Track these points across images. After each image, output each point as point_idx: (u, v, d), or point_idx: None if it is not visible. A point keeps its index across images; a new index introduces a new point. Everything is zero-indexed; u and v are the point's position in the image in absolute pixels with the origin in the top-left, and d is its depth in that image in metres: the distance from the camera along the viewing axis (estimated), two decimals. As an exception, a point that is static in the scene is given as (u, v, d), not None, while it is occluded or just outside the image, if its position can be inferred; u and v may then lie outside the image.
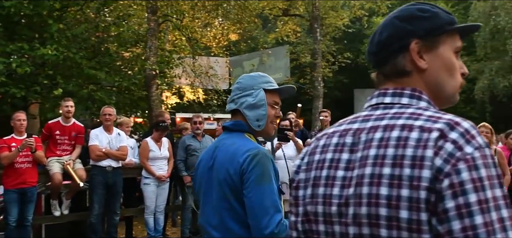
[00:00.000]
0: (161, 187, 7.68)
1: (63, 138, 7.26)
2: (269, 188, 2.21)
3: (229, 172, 2.26)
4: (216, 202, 2.33)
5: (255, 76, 2.49)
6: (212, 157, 2.41)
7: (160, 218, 7.75)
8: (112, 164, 7.26)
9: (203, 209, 2.45)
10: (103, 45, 11.26)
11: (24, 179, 6.65)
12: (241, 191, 2.23)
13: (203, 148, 7.87)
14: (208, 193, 2.40)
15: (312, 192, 1.31)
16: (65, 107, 7.28)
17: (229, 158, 2.30)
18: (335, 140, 1.32)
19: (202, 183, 2.46)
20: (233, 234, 2.26)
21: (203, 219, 2.44)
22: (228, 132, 2.47)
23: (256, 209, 2.18)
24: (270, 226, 2.16)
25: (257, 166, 2.21)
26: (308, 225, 1.33)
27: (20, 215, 6.64)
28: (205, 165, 2.46)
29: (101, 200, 7.23)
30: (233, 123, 2.46)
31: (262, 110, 2.39)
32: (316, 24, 14.78)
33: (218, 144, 2.44)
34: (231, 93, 2.50)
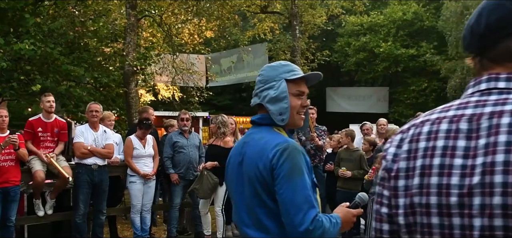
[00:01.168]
0: (147, 185, 7.49)
1: (45, 134, 7.01)
2: (301, 182, 2.11)
3: (259, 167, 2.16)
4: (249, 199, 2.23)
5: (277, 66, 2.37)
6: (241, 153, 2.31)
7: (146, 217, 7.56)
8: (98, 161, 7.04)
9: (236, 207, 2.35)
10: (82, 40, 10.96)
11: (7, 178, 6.40)
12: (272, 187, 2.13)
13: (190, 145, 7.73)
14: (239, 190, 2.30)
15: (420, 181, 1.22)
16: (47, 102, 7.02)
17: (258, 153, 2.20)
18: (444, 126, 1.23)
19: (233, 180, 2.35)
20: (268, 232, 2.17)
21: (237, 217, 2.34)
22: (256, 126, 2.36)
23: (288, 206, 2.08)
24: (304, 223, 2.07)
25: (287, 160, 2.11)
26: (413, 218, 1.23)
27: (2, 215, 6.38)
28: (234, 161, 2.35)
29: (87, 199, 7.02)
30: (260, 116, 2.35)
31: (284, 103, 2.27)
32: (295, 21, 14.73)
33: (247, 139, 2.34)
34: (255, 87, 2.39)
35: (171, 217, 7.79)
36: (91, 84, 11.64)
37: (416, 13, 25.84)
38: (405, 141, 1.31)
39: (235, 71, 19.76)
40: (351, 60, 25.93)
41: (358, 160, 7.74)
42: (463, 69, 20.98)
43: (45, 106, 6.98)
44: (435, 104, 24.27)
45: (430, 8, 26.35)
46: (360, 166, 7.70)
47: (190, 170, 7.67)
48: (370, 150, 8.11)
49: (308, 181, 2.15)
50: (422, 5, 26.57)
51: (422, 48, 24.69)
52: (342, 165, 7.76)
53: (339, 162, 7.90)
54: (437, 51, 24.19)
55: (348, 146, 7.96)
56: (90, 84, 11.67)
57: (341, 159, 7.86)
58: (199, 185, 7.24)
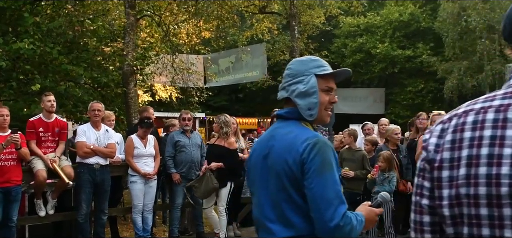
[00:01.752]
0: (148, 185, 7.43)
1: (46, 134, 6.94)
2: (331, 178, 2.09)
3: (288, 162, 2.13)
4: (274, 194, 2.19)
5: (306, 61, 2.34)
6: (267, 146, 2.28)
7: (148, 217, 7.51)
8: (100, 161, 6.98)
9: (258, 201, 2.31)
10: (82, 40, 10.90)
11: (9, 178, 6.33)
12: (301, 182, 2.10)
13: (192, 144, 7.68)
14: (263, 184, 2.26)
15: (467, 172, 1.19)
16: (47, 102, 6.95)
17: (286, 147, 2.17)
18: (491, 116, 1.21)
19: (256, 173, 2.32)
20: (294, 227, 2.13)
21: (258, 211, 2.30)
22: (282, 120, 2.33)
23: (318, 201, 2.05)
24: (334, 219, 2.04)
25: (318, 155, 2.08)
26: (459, 209, 1.21)
27: (4, 215, 6.31)
28: (259, 154, 2.32)
29: (89, 199, 6.96)
30: (287, 110, 2.32)
31: (314, 98, 2.24)
32: (293, 21, 14.72)
33: (273, 133, 2.31)
34: (282, 80, 2.36)
35: (173, 217, 7.74)
36: (88, 84, 11.58)
37: (413, 14, 25.90)
38: (448, 131, 1.29)
39: (233, 72, 19.73)
40: (347, 61, 25.92)
41: (361, 160, 7.72)
42: (460, 70, 21.04)
43: (46, 106, 6.91)
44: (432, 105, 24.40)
45: (427, 9, 26.41)
46: (363, 165, 7.68)
47: (192, 169, 7.62)
48: (372, 150, 8.10)
49: (337, 176, 2.12)
50: (419, 6, 26.63)
51: (418, 49, 24.74)
52: (345, 165, 7.74)
53: (341, 162, 7.87)
54: (433, 52, 24.24)
55: (350, 146, 7.94)
56: (87, 84, 11.61)
57: (344, 159, 7.84)
58: (198, 183, 7.20)
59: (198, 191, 7.22)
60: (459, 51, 21.31)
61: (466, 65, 21.03)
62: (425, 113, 8.06)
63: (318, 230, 2.07)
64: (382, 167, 7.14)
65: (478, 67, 20.85)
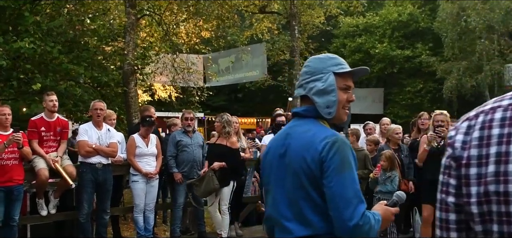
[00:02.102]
0: (150, 185, 7.41)
1: (48, 134, 6.90)
2: (351, 176, 2.08)
3: (306, 160, 2.11)
4: (291, 192, 2.17)
5: (324, 59, 2.33)
6: (283, 144, 2.26)
7: (150, 217, 7.48)
8: (102, 160, 6.94)
9: (273, 199, 2.29)
10: (82, 39, 10.87)
11: (11, 177, 6.30)
12: (320, 180, 2.09)
13: (194, 144, 7.67)
14: (279, 183, 2.25)
15: (496, 169, 1.18)
16: (49, 101, 6.92)
17: (305, 145, 2.15)
18: None
19: (272, 171, 2.30)
20: (311, 226, 2.12)
21: (274, 210, 2.28)
22: (299, 118, 2.32)
23: (338, 200, 2.04)
24: (354, 218, 2.02)
25: (337, 153, 2.07)
26: (488, 206, 1.20)
27: (5, 215, 6.29)
28: (275, 153, 2.30)
29: (91, 198, 6.94)
30: (305, 108, 2.30)
31: (332, 96, 2.23)
32: (294, 21, 14.71)
33: (290, 131, 2.29)
34: (300, 78, 2.35)
35: (174, 216, 7.72)
36: (88, 83, 11.55)
37: (412, 14, 25.93)
38: (475, 128, 1.27)
39: (233, 72, 19.69)
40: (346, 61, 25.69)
41: (363, 159, 7.71)
42: (459, 70, 21.06)
43: (48, 106, 6.88)
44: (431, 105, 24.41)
45: (426, 9, 26.44)
46: (365, 165, 7.67)
47: (194, 169, 7.60)
48: (374, 150, 8.09)
49: (356, 175, 2.12)
50: (418, 6, 26.66)
51: (417, 49, 24.78)
52: (347, 164, 7.72)
53: (343, 161, 7.86)
54: (432, 53, 24.26)
55: (352, 146, 7.92)
56: (87, 83, 11.58)
57: (346, 158, 7.81)
58: (199, 182, 7.19)
59: (199, 190, 7.20)
60: (458, 51, 21.33)
61: (465, 65, 21.05)
62: (427, 113, 8.06)
63: (337, 229, 2.05)
64: (384, 166, 7.13)
65: (477, 67, 20.88)
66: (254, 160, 8.64)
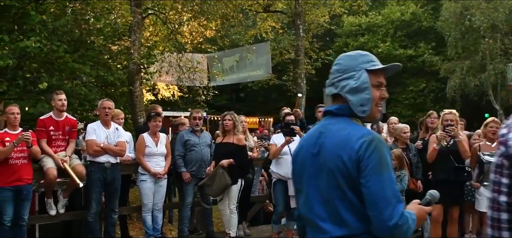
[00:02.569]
0: (158, 184, 7.37)
1: (57, 133, 6.86)
2: (389, 175, 2.05)
3: (342, 159, 2.08)
4: (326, 192, 2.14)
5: (355, 56, 2.30)
6: (316, 143, 2.23)
7: (158, 216, 7.45)
8: (111, 159, 6.91)
9: (306, 199, 2.26)
10: (88, 38, 10.83)
11: (20, 176, 6.26)
12: (356, 179, 2.06)
13: (202, 143, 7.64)
14: (313, 182, 2.21)
15: None
16: (58, 100, 6.88)
17: (340, 144, 2.12)
18: None
19: (305, 171, 2.27)
20: (348, 226, 2.09)
21: (307, 209, 2.25)
22: (332, 117, 2.29)
23: (376, 199, 2.01)
24: (393, 218, 2.00)
25: (375, 152, 2.04)
26: None
27: (15, 214, 6.26)
28: (307, 152, 2.27)
29: (99, 198, 6.92)
30: (338, 107, 2.26)
31: (366, 94, 2.20)
32: (298, 20, 14.68)
33: (323, 130, 2.26)
34: (330, 76, 2.32)
35: (183, 216, 7.69)
36: (92, 82, 11.52)
37: (414, 13, 25.95)
38: None
39: (238, 71, 19.64)
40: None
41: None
42: (462, 69, 21.09)
43: (57, 105, 6.84)
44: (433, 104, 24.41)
45: (428, 8, 26.46)
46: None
47: (202, 168, 7.57)
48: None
49: (394, 174, 2.09)
50: (420, 6, 26.67)
51: (420, 48, 24.79)
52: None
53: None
54: (435, 52, 24.27)
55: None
56: (91, 82, 11.55)
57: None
58: (210, 181, 7.16)
59: (211, 189, 7.17)
60: (462, 50, 21.37)
61: (468, 64, 21.08)
62: (435, 112, 8.03)
63: (376, 229, 2.03)
64: (394, 165, 7.11)
65: (480, 66, 20.91)
66: (261, 159, 8.61)
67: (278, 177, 7.23)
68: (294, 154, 2.41)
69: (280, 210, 7.31)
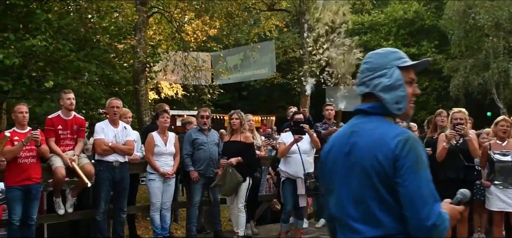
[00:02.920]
0: (167, 183, 7.35)
1: (65, 132, 6.82)
2: (425, 175, 2.02)
3: (378, 158, 2.04)
4: (359, 191, 2.11)
5: (386, 53, 2.26)
6: (348, 143, 2.19)
7: (166, 216, 7.43)
8: (119, 158, 6.89)
9: (338, 199, 2.22)
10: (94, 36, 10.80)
11: (29, 175, 6.23)
12: (392, 179, 2.02)
13: (210, 142, 7.61)
14: (345, 182, 2.18)
15: None
16: (67, 99, 6.83)
17: (375, 143, 2.08)
18: None
19: (336, 170, 2.23)
20: (382, 226, 2.05)
21: (338, 209, 2.21)
22: (363, 116, 2.25)
23: (414, 199, 1.98)
24: (431, 217, 1.96)
25: (411, 151, 2.01)
26: None
27: (23, 214, 6.23)
28: (339, 151, 2.24)
29: (108, 197, 6.89)
30: (370, 105, 2.22)
31: (401, 91, 2.17)
32: (303, 19, 14.65)
33: (355, 129, 2.22)
34: (360, 75, 2.28)
35: (191, 215, 7.66)
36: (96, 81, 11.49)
37: (417, 12, 25.92)
38: None
39: (242, 69, 19.57)
40: (351, 58, 25.87)
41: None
42: (466, 68, 21.06)
43: (65, 104, 6.80)
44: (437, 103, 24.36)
45: (431, 7, 26.41)
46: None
47: (210, 167, 7.53)
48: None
49: (430, 173, 2.06)
50: (423, 4, 26.63)
51: (423, 47, 24.75)
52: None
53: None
54: (438, 51, 24.23)
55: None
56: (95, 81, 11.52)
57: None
58: (222, 182, 7.13)
59: (223, 188, 7.15)
60: (465, 49, 21.34)
61: (472, 63, 21.05)
62: (445, 111, 7.99)
63: (413, 229, 1.99)
64: None
65: (484, 65, 20.88)
66: (269, 158, 8.59)
67: (287, 175, 7.20)
68: (324, 153, 2.37)
69: (289, 209, 7.28)
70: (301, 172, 7.04)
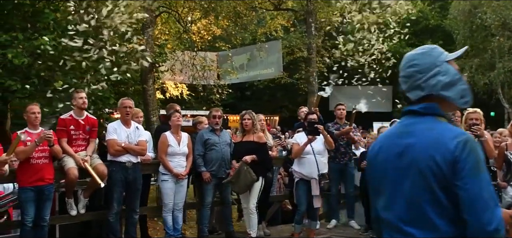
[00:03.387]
0: (179, 184, 7.28)
1: (78, 132, 6.76)
2: (486, 178, 1.94)
3: (435, 159, 1.96)
4: (412, 194, 2.02)
5: (428, 51, 2.19)
6: (400, 144, 2.11)
7: (178, 217, 7.36)
8: (132, 159, 6.82)
9: (388, 201, 2.14)
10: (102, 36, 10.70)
11: (42, 176, 6.18)
12: (450, 181, 1.93)
13: (222, 142, 7.53)
14: (396, 183, 2.10)
15: None
16: (79, 98, 6.79)
17: (432, 144, 2.00)
18: None
19: (386, 171, 2.15)
20: (437, 229, 1.96)
21: (388, 212, 2.14)
22: (414, 116, 2.16)
23: (475, 203, 1.90)
24: (493, 222, 1.88)
25: (471, 153, 1.93)
26: None
27: (36, 215, 6.17)
28: (389, 152, 2.16)
29: (121, 198, 6.82)
30: (424, 106, 2.12)
31: (462, 84, 2.11)
32: (310, 18, 14.57)
33: (406, 129, 2.13)
34: (410, 80, 2.17)
35: (202, 216, 7.58)
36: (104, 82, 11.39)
37: (422, 11, 25.82)
38: None
39: (248, 69, 19.49)
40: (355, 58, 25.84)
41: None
42: (471, 67, 20.99)
43: (78, 103, 6.75)
44: (441, 103, 24.22)
45: (436, 6, 26.34)
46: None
47: (222, 167, 7.45)
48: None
49: (489, 176, 1.99)
50: (428, 4, 26.56)
51: (427, 46, 24.70)
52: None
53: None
54: (442, 50, 24.17)
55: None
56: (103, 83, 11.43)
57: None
58: (235, 178, 7.05)
59: (236, 186, 7.08)
60: (470, 48, 21.29)
61: (477, 62, 21.00)
62: (458, 111, 7.91)
63: (473, 233, 1.91)
64: None
65: (489, 64, 20.81)
66: (280, 159, 8.51)
67: (301, 176, 7.13)
68: (372, 155, 2.30)
69: (303, 210, 7.21)
70: (315, 173, 6.98)
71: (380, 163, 2.20)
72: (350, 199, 8.60)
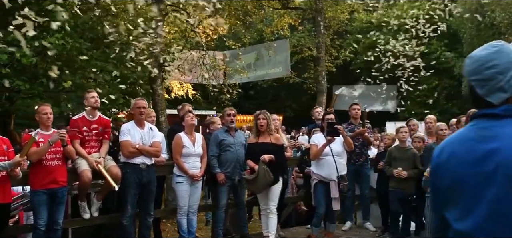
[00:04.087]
0: (194, 186, 7.10)
1: (90, 134, 6.59)
2: None
3: None
4: (499, 203, 1.84)
5: (503, 50, 1.99)
6: (480, 148, 1.92)
7: (193, 219, 7.18)
8: (146, 161, 6.65)
9: (464, 212, 1.96)
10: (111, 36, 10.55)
11: (55, 178, 6.00)
12: None
13: (237, 143, 7.34)
14: (477, 191, 1.92)
15: None
16: (91, 98, 6.63)
17: None
18: None
19: (463, 179, 1.97)
20: None
21: (465, 223, 1.96)
22: (492, 119, 1.98)
23: None
24: None
25: None
26: None
27: (49, 218, 6.00)
28: (465, 158, 1.95)
29: (135, 200, 6.64)
30: (505, 108, 1.94)
31: None
32: (319, 17, 14.41)
33: (487, 133, 1.94)
34: (490, 82, 1.99)
35: (217, 218, 7.41)
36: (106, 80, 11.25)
37: (427, 10, 25.70)
38: None
39: (256, 68, 19.30)
40: (360, 57, 25.71)
41: (412, 159, 7.42)
42: (478, 67, 20.80)
43: (90, 103, 6.59)
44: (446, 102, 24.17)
45: (440, 6, 26.18)
46: (414, 165, 7.38)
47: (236, 169, 7.28)
48: (421, 148, 7.79)
49: None
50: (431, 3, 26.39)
51: (432, 45, 24.48)
52: (395, 164, 7.44)
53: (390, 161, 7.57)
54: (447, 49, 23.99)
55: (401, 145, 7.64)
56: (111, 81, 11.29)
57: (393, 158, 7.53)
58: (253, 178, 6.88)
59: (254, 186, 6.91)
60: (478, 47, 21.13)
61: None
62: (473, 112, 7.75)
63: None
64: None
65: (496, 64, 20.63)
66: (295, 159, 8.35)
67: (320, 178, 6.97)
68: (441, 162, 2.09)
69: (321, 212, 7.05)
70: (334, 175, 6.83)
71: (454, 171, 2.01)
72: (365, 200, 8.44)
